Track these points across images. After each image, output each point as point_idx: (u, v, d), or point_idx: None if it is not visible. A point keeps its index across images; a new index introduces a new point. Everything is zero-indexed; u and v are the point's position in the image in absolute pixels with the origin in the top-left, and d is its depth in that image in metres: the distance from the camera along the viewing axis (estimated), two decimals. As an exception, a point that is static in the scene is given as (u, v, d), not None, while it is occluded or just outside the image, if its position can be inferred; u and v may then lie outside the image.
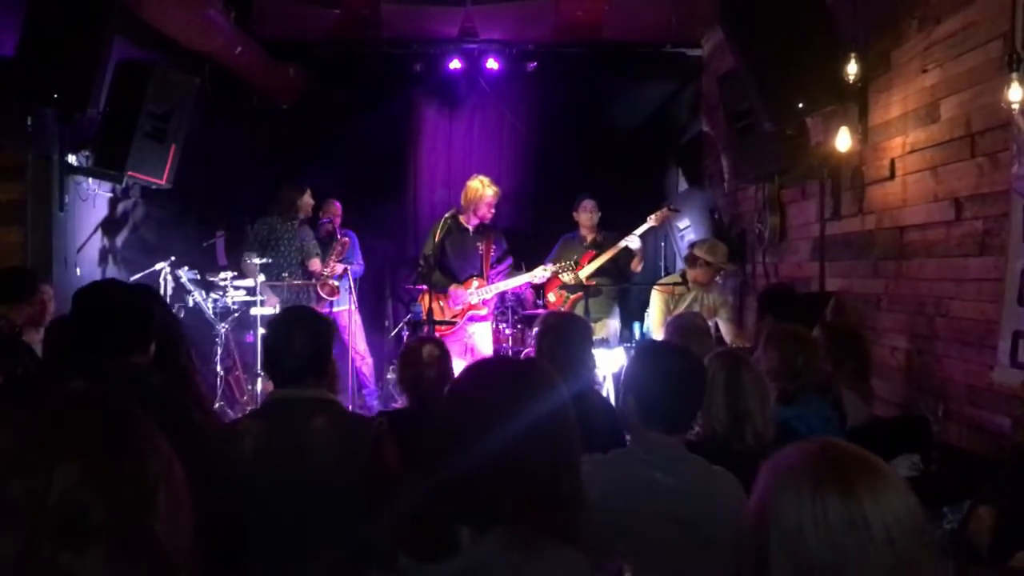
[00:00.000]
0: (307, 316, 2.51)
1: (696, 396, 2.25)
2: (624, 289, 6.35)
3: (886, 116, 4.44)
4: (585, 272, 6.10)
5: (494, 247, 6.14)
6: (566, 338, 3.22)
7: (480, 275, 6.06)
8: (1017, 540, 2.37)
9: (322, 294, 6.24)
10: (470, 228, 6.10)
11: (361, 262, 6.95)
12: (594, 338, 5.45)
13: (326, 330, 2.46)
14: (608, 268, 6.20)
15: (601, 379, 5.04)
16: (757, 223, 6.20)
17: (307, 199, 6.35)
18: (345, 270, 6.38)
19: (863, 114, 4.63)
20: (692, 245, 5.79)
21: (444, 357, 3.09)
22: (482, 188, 6.02)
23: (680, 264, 6.48)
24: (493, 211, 6.09)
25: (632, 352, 4.14)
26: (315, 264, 6.31)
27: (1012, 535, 2.42)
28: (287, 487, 2.19)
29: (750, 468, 2.24)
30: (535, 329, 3.45)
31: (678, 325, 4.11)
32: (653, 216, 6.21)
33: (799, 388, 3.11)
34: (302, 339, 2.36)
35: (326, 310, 6.30)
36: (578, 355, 3.21)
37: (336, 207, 6.84)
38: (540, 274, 6.06)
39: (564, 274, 6.03)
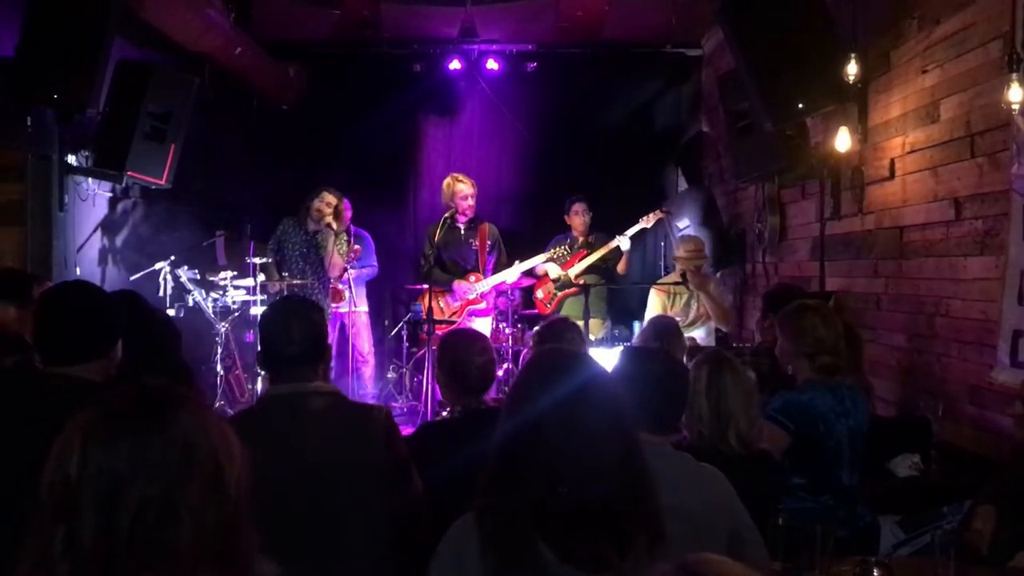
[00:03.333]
0: (301, 306, 2.43)
1: (680, 397, 2.30)
2: (612, 289, 6.37)
3: (886, 116, 4.44)
4: (574, 271, 6.13)
5: (488, 241, 6.18)
6: (566, 342, 3.23)
7: (476, 269, 6.11)
8: (1017, 540, 2.37)
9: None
10: (461, 226, 6.16)
11: (375, 263, 6.90)
12: (591, 338, 5.56)
13: (321, 318, 2.42)
14: (598, 267, 6.24)
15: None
16: (757, 223, 6.20)
17: (316, 203, 6.15)
18: (344, 270, 6.38)
19: (863, 114, 4.63)
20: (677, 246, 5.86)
21: (490, 350, 2.87)
22: (453, 183, 6.16)
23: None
24: (470, 202, 6.13)
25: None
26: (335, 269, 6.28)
27: (1012, 535, 2.42)
28: (295, 482, 2.15)
29: (734, 471, 2.26)
30: (532, 343, 3.43)
31: (655, 326, 4.13)
32: (645, 218, 6.24)
33: (834, 365, 2.99)
34: (300, 329, 2.30)
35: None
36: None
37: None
38: (536, 262, 6.16)
39: (555, 262, 6.13)
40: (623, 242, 6.17)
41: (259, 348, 2.37)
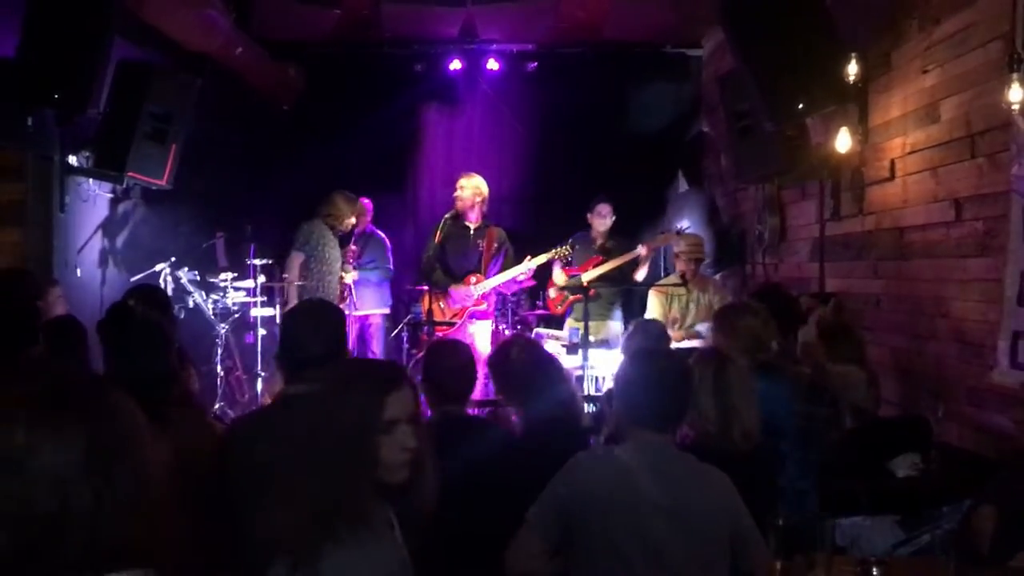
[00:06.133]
0: (327, 309, 2.45)
1: (683, 396, 2.31)
2: (626, 291, 6.34)
3: (886, 117, 4.44)
4: (588, 276, 6.10)
5: (495, 245, 6.17)
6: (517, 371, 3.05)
7: (478, 271, 6.10)
8: (1017, 540, 2.38)
9: None
10: (470, 225, 6.14)
11: (389, 265, 6.79)
12: (594, 339, 5.55)
13: (343, 324, 2.44)
14: (611, 273, 6.21)
15: (602, 379, 5.04)
16: (757, 224, 6.20)
17: (351, 219, 6.22)
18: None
19: (863, 115, 4.63)
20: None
21: (471, 360, 2.89)
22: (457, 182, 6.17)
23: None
24: (457, 192, 6.08)
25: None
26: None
27: (1012, 535, 2.42)
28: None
29: (738, 469, 2.27)
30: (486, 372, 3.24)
31: (644, 330, 4.12)
32: (661, 236, 6.21)
33: (769, 363, 3.12)
34: (323, 331, 2.31)
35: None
36: (532, 382, 3.00)
37: (362, 206, 6.75)
38: (543, 259, 6.06)
39: (559, 261, 6.09)
40: (642, 250, 6.13)
41: (279, 348, 2.37)
